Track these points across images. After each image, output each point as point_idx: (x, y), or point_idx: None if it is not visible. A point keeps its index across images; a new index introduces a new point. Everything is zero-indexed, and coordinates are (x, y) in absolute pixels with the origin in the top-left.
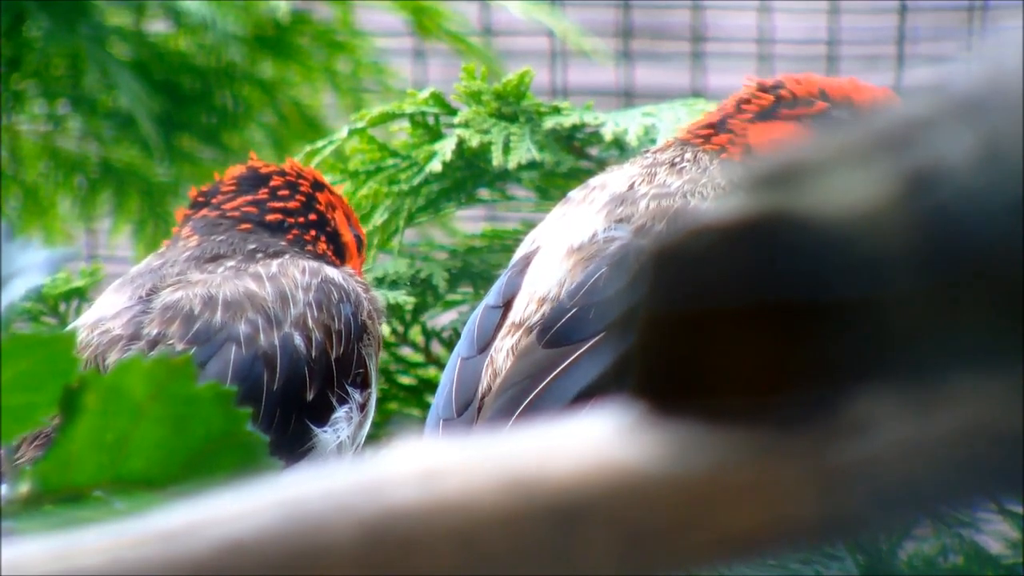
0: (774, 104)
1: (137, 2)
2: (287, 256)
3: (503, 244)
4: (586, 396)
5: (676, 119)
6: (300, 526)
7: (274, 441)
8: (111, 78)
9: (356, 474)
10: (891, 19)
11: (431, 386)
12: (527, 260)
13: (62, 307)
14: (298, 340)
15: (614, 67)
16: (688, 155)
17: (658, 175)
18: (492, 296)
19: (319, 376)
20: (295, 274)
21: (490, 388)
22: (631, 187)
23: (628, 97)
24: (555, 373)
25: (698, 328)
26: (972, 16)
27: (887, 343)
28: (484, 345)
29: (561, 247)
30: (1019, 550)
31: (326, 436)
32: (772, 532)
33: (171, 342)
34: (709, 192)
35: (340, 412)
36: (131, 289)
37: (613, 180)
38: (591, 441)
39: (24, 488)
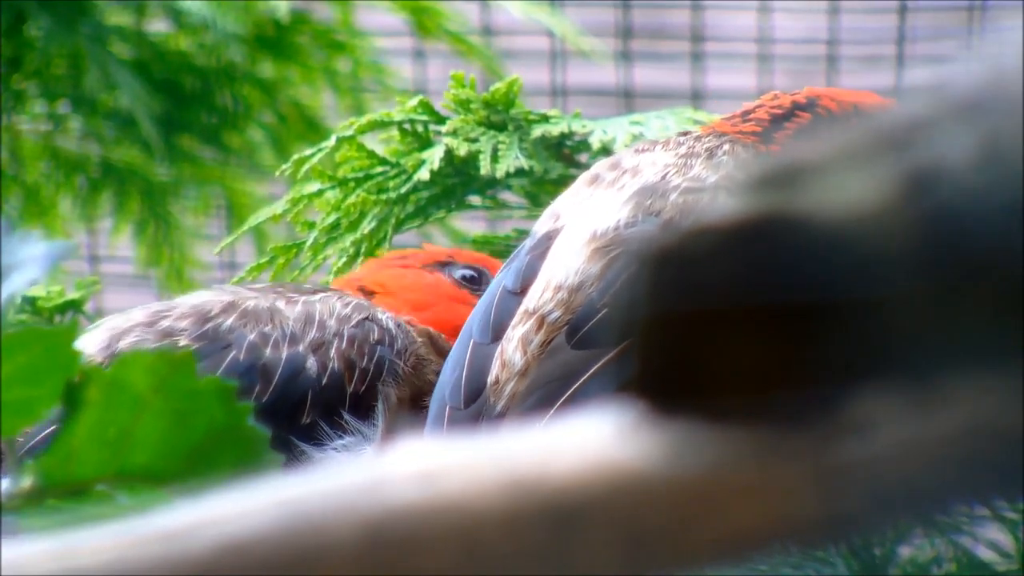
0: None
1: (137, 2)
2: (343, 295)
3: (492, 250)
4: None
5: (664, 127)
6: (301, 526)
7: None
8: (112, 78)
9: (356, 473)
10: (891, 19)
11: None
12: (549, 240)
13: (57, 319)
14: (310, 363)
15: (614, 67)
16: (727, 147)
17: (694, 167)
18: (511, 278)
19: (321, 405)
20: (335, 304)
21: (498, 380)
22: (664, 177)
23: (628, 97)
24: (585, 377)
25: (698, 328)
26: (972, 16)
27: (887, 343)
28: (499, 332)
29: (583, 233)
30: (1011, 558)
31: (321, 456)
32: (772, 532)
33: (177, 337)
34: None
35: (343, 440)
36: (203, 293)
37: (647, 165)
38: (591, 441)
39: (26, 483)
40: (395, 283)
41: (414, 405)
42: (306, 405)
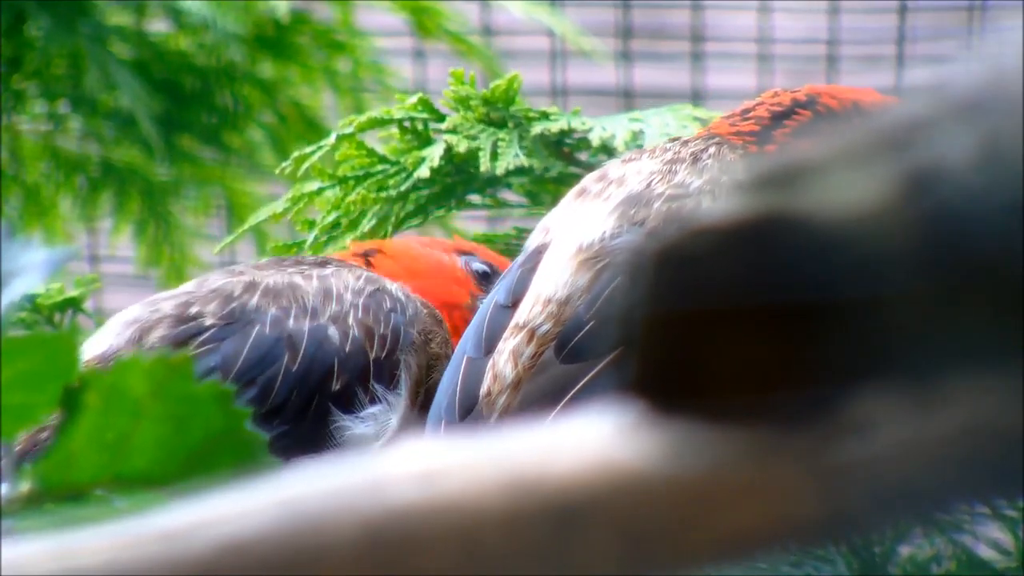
0: (814, 120)
1: (137, 2)
2: (352, 267)
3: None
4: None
5: (663, 124)
6: (301, 526)
7: (288, 423)
8: (112, 78)
9: (356, 473)
10: (891, 19)
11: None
12: (539, 255)
13: (56, 317)
14: (332, 332)
15: (614, 67)
16: (712, 151)
17: (679, 173)
18: (502, 293)
19: (349, 371)
20: (349, 278)
21: (490, 392)
22: (648, 185)
23: (628, 97)
24: (574, 391)
25: (698, 328)
26: (972, 16)
27: (887, 343)
28: (491, 347)
29: (570, 245)
30: (1010, 555)
31: (352, 425)
32: (772, 532)
33: (204, 319)
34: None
35: (372, 409)
36: (214, 275)
37: (632, 175)
38: (591, 441)
39: (25, 487)
40: (397, 249)
41: (427, 374)
42: (334, 372)
